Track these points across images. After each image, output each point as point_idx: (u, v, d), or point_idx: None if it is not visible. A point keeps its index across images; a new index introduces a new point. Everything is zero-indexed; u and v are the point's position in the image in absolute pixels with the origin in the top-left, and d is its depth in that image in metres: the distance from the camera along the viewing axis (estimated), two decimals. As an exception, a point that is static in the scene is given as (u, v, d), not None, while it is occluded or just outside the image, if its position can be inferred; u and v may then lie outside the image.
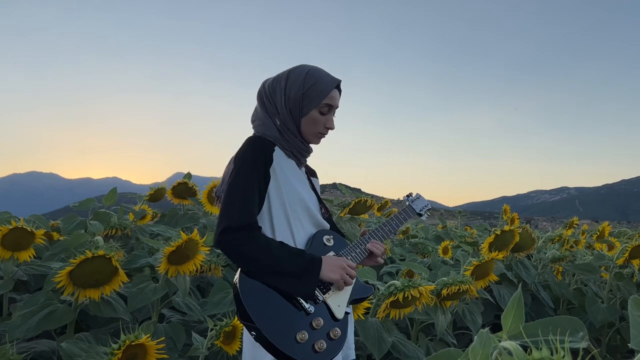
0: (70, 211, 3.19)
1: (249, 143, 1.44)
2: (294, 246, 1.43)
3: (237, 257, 1.33)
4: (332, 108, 1.49)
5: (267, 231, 1.42)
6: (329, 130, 1.52)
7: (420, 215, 1.83)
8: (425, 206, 1.85)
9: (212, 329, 1.78)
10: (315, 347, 1.32)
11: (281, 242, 1.38)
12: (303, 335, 1.31)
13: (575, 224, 4.05)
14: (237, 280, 1.35)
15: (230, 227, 1.31)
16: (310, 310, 1.35)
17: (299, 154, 1.51)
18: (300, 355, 1.29)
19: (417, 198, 1.85)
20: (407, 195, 1.85)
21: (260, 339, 1.29)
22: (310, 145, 1.54)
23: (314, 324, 1.35)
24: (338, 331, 1.38)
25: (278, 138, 1.46)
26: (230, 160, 1.48)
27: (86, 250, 1.81)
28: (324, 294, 1.40)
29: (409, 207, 1.80)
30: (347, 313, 1.44)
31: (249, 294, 1.32)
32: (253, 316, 1.29)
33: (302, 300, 1.36)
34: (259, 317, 1.29)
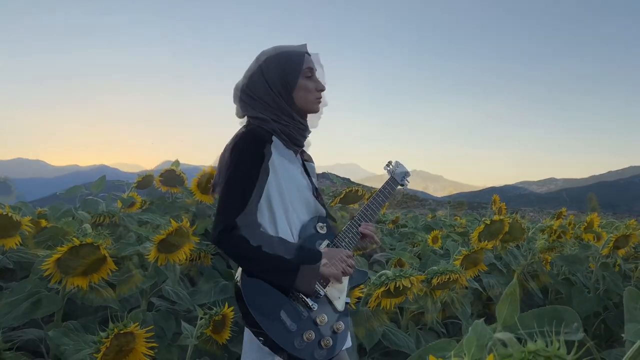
0: (57, 199, 3.14)
1: (245, 136, 1.40)
2: (292, 238, 1.42)
3: (236, 257, 1.33)
4: (313, 71, 1.49)
5: (266, 224, 1.40)
6: (322, 93, 1.51)
7: (402, 185, 1.76)
8: (405, 174, 1.77)
9: (201, 318, 1.77)
10: (322, 343, 1.33)
11: (280, 238, 1.37)
12: (310, 335, 1.31)
13: (564, 215, 4.08)
14: (239, 282, 1.33)
15: (228, 227, 1.30)
16: (314, 307, 1.34)
17: (300, 135, 1.49)
18: (308, 354, 1.30)
19: (397, 167, 1.76)
20: (387, 165, 1.77)
21: (268, 343, 1.28)
22: (308, 124, 1.53)
23: (318, 321, 1.34)
24: (341, 324, 1.39)
25: (275, 127, 1.43)
26: (225, 148, 1.45)
27: (74, 238, 1.78)
28: (324, 288, 1.39)
29: (392, 178, 1.74)
30: (346, 303, 1.44)
31: (254, 299, 1.30)
32: (260, 322, 1.27)
33: (305, 298, 1.34)
34: (266, 323, 1.28)
